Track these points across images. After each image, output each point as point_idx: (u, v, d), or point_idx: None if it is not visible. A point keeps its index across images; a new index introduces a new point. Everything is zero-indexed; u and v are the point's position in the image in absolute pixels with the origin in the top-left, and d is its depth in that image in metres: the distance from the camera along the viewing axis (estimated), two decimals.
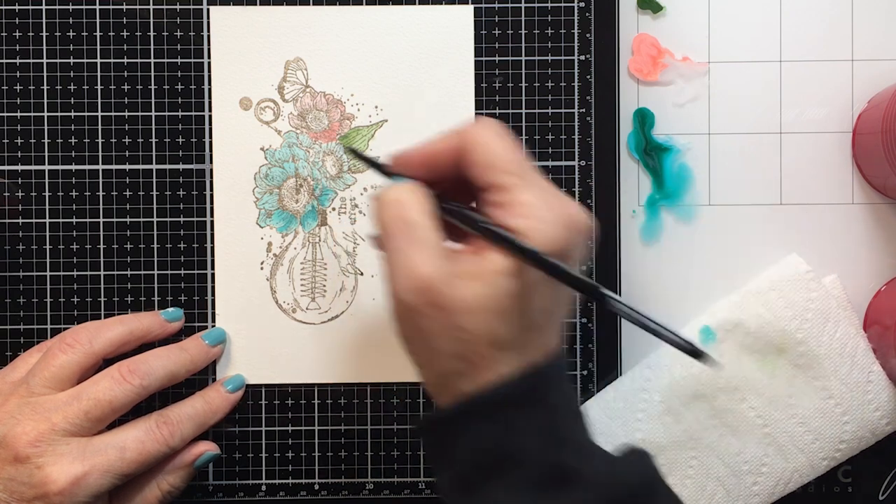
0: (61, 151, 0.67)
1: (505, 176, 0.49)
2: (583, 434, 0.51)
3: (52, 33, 0.67)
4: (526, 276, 0.48)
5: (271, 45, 0.67)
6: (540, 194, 0.49)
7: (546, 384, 0.50)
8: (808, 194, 0.68)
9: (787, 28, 0.68)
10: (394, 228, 0.50)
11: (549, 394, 0.49)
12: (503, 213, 0.49)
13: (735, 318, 0.66)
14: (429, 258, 0.48)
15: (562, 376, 0.51)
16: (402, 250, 0.49)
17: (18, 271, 0.67)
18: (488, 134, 0.50)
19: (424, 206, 0.50)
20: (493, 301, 0.48)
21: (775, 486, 0.66)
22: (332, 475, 0.68)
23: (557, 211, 0.49)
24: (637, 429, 0.66)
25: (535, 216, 0.48)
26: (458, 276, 0.48)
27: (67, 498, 0.57)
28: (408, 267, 0.48)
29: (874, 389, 0.65)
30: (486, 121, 0.51)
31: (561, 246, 0.48)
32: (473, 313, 0.48)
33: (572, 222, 0.49)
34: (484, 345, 0.48)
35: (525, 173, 0.49)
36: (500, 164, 0.49)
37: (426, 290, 0.48)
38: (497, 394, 0.48)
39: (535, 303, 0.49)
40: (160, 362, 0.63)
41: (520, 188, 0.49)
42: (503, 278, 0.48)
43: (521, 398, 0.49)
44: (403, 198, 0.50)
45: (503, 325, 0.48)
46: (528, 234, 0.48)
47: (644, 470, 0.50)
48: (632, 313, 0.48)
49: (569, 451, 0.48)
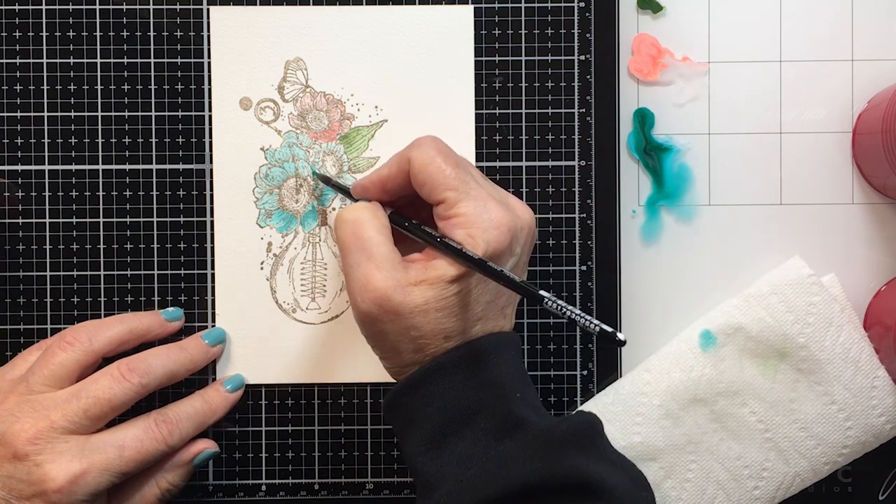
0: (61, 151, 0.67)
1: (445, 192, 0.56)
2: (533, 397, 0.58)
3: (52, 33, 0.67)
4: (467, 279, 0.56)
5: (271, 45, 0.67)
6: (476, 204, 0.56)
7: (499, 349, 0.57)
8: (808, 194, 0.68)
9: (787, 28, 0.68)
10: (351, 245, 0.56)
11: (502, 357, 0.57)
12: (447, 224, 0.56)
13: (736, 322, 0.66)
14: (383, 271, 0.55)
15: (511, 347, 0.58)
16: (359, 265, 0.56)
17: (18, 271, 0.67)
18: (426, 155, 0.57)
19: (379, 223, 0.57)
20: (441, 302, 0.55)
21: (776, 490, 0.66)
22: (332, 475, 0.68)
23: (492, 216, 0.56)
24: (635, 432, 0.66)
25: (472, 225, 0.55)
26: (410, 284, 0.55)
27: (66, 496, 0.57)
28: (364, 280, 0.55)
29: (879, 395, 0.65)
30: (423, 141, 0.58)
31: (496, 247, 0.55)
32: (425, 314, 0.55)
33: (506, 225, 0.56)
34: (436, 338, 0.56)
35: (462, 185, 0.56)
36: (439, 182, 0.56)
37: (382, 300, 0.55)
38: (452, 355, 0.56)
39: (478, 298, 0.57)
40: (160, 361, 0.63)
41: (459, 201, 0.56)
42: (449, 283, 0.55)
43: (472, 359, 0.56)
44: (359, 216, 0.57)
45: (451, 320, 0.56)
46: (468, 242, 0.55)
47: (587, 418, 0.58)
48: (563, 309, 0.52)
49: (519, 404, 0.56)
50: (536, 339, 0.68)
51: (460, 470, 0.54)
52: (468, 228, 0.55)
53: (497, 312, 0.58)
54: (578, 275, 0.68)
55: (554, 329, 0.68)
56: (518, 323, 0.67)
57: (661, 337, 0.68)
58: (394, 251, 0.56)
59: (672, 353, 0.67)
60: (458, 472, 0.54)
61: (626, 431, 0.66)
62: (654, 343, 0.68)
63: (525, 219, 0.58)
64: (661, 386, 0.66)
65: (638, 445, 0.66)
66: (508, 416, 0.55)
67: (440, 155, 0.57)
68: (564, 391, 0.68)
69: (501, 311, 0.59)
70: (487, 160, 0.67)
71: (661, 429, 0.66)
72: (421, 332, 0.55)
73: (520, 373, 0.58)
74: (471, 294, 0.56)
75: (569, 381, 0.68)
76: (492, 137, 0.67)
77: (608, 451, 0.58)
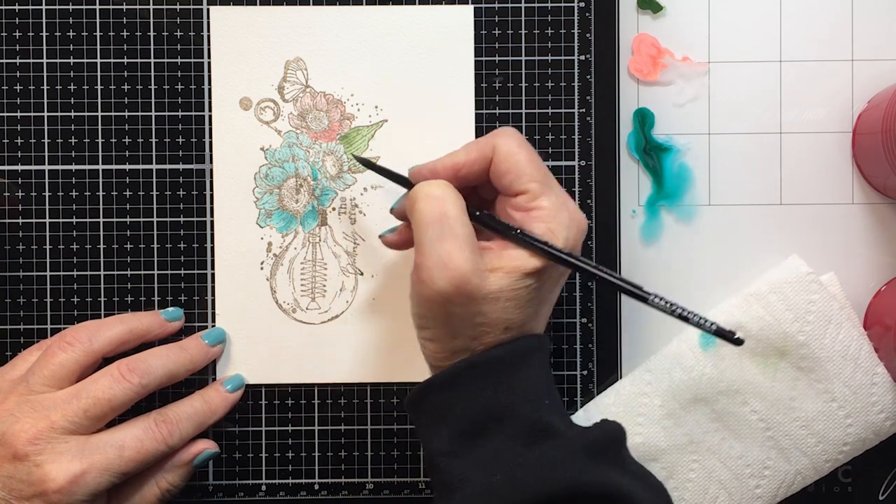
0: (61, 151, 0.67)
1: (529, 183, 0.55)
2: (558, 405, 0.57)
3: (52, 33, 0.67)
4: (544, 273, 0.55)
5: (271, 45, 0.67)
6: (558, 200, 0.56)
7: (532, 353, 0.56)
8: (808, 194, 0.68)
9: (787, 28, 0.68)
10: (433, 220, 0.55)
11: (533, 362, 0.56)
12: (526, 216, 0.56)
13: (736, 321, 0.66)
14: (465, 252, 0.54)
15: (545, 351, 0.58)
16: (441, 242, 0.54)
17: (18, 271, 0.67)
18: (513, 143, 0.56)
19: (462, 203, 0.56)
20: (513, 293, 0.54)
21: (778, 488, 0.66)
22: (332, 475, 0.68)
23: (572, 214, 0.56)
24: (637, 433, 0.66)
25: (553, 220, 0.55)
26: (487, 269, 0.54)
27: (66, 496, 0.57)
28: (444, 258, 0.54)
29: (878, 392, 0.65)
30: (508, 130, 0.57)
31: (573, 246, 0.56)
32: (495, 302, 0.54)
33: (580, 224, 0.57)
34: (497, 328, 0.55)
35: (545, 179, 0.56)
36: (525, 172, 0.55)
37: (461, 281, 0.53)
38: (491, 355, 0.55)
39: (545, 294, 0.57)
40: (160, 361, 0.63)
41: (542, 194, 0.55)
42: (525, 274, 0.54)
43: (509, 360, 0.55)
44: (442, 193, 0.55)
45: (516, 312, 0.55)
46: (548, 236, 0.55)
47: (612, 428, 0.57)
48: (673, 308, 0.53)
49: (547, 411, 0.55)
50: None
51: (484, 474, 0.53)
52: (549, 223, 0.55)
53: (548, 309, 0.59)
54: (578, 275, 0.68)
55: (554, 329, 0.68)
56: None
57: (662, 337, 0.68)
58: (474, 235, 0.55)
59: (672, 354, 0.67)
60: (481, 476, 0.53)
61: (629, 432, 0.65)
62: (655, 343, 0.68)
63: (586, 224, 0.58)
64: (662, 386, 0.66)
65: (640, 446, 0.66)
66: (538, 422, 0.54)
67: (525, 147, 0.56)
68: (564, 391, 0.68)
69: (550, 309, 0.59)
70: None
71: (662, 429, 0.66)
72: (487, 318, 0.54)
73: (549, 378, 0.58)
74: (542, 289, 0.56)
75: (569, 381, 0.68)
76: None
77: (632, 463, 0.58)
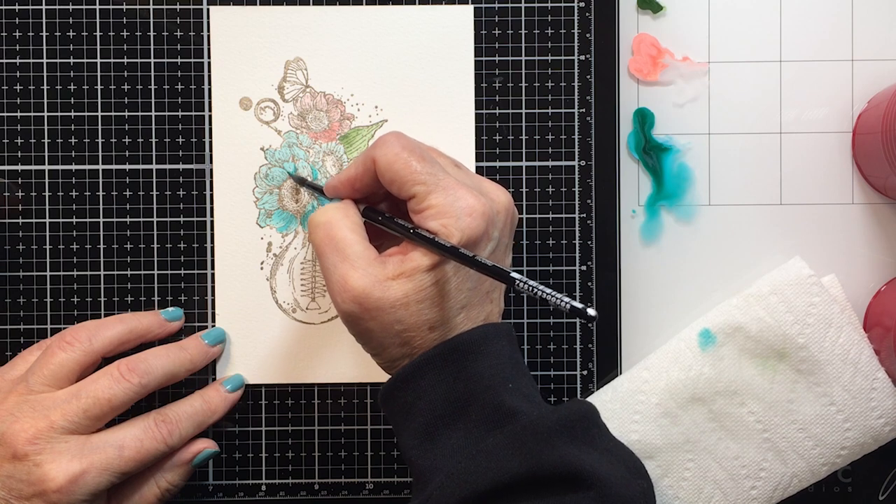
0: (61, 151, 0.67)
1: (414, 187, 0.56)
2: (528, 387, 0.57)
3: (52, 33, 0.67)
4: (443, 267, 0.56)
5: (271, 45, 0.67)
6: (447, 193, 0.56)
7: (487, 341, 0.56)
8: (808, 194, 0.68)
9: (787, 28, 0.68)
10: (326, 248, 0.56)
11: (491, 349, 0.56)
12: (421, 217, 0.56)
13: (736, 322, 0.66)
14: (359, 269, 0.55)
15: (501, 337, 0.57)
16: (335, 266, 0.56)
17: (18, 271, 0.67)
18: (390, 152, 0.56)
19: (351, 221, 0.57)
20: (420, 293, 0.55)
21: (774, 490, 0.66)
22: (332, 475, 0.68)
23: (464, 204, 0.55)
24: (633, 430, 0.66)
25: (445, 215, 0.55)
26: (388, 279, 0.55)
27: (66, 496, 0.57)
28: (342, 280, 0.55)
29: (878, 397, 0.65)
30: (387, 138, 0.57)
31: (472, 234, 0.55)
32: (406, 307, 0.55)
33: (479, 210, 0.56)
34: (420, 330, 0.56)
35: (430, 178, 0.56)
36: (407, 178, 0.56)
37: (361, 298, 0.55)
38: (441, 348, 0.56)
39: (459, 286, 0.56)
40: (159, 361, 0.63)
41: (429, 193, 0.56)
42: (425, 273, 0.55)
43: (462, 351, 0.56)
44: (330, 218, 0.57)
45: (432, 310, 0.55)
46: (442, 232, 0.55)
47: (581, 407, 0.57)
48: (535, 290, 0.52)
49: (512, 395, 0.55)
50: (536, 339, 0.68)
51: (451, 462, 0.54)
52: (441, 218, 0.55)
53: (482, 298, 0.58)
54: (578, 275, 0.68)
55: (554, 329, 0.68)
56: (518, 322, 0.67)
57: (661, 336, 0.68)
58: (368, 248, 0.56)
59: (671, 352, 0.67)
60: (449, 465, 0.54)
61: (624, 430, 0.66)
62: (654, 342, 0.68)
63: (501, 201, 0.58)
64: (659, 384, 0.66)
65: (635, 444, 0.66)
66: (499, 407, 0.55)
67: (405, 150, 0.56)
68: (564, 391, 0.68)
69: (487, 296, 0.59)
70: (487, 160, 0.68)
71: (658, 427, 0.66)
72: (404, 325, 0.55)
73: (512, 362, 0.57)
74: (450, 282, 0.56)
75: (569, 381, 0.68)
76: (492, 137, 0.67)
77: (603, 440, 0.57)
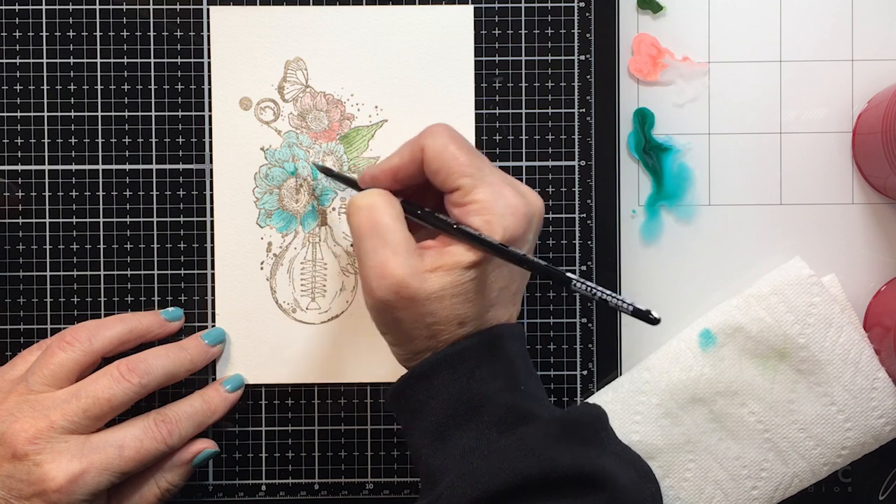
0: (61, 151, 0.67)
1: (460, 179, 0.55)
2: (537, 389, 0.58)
3: (52, 33, 0.67)
4: (484, 264, 0.55)
5: (271, 45, 0.67)
6: (492, 190, 0.55)
7: (501, 342, 0.57)
8: (808, 194, 0.68)
9: (787, 28, 0.68)
10: (367, 231, 0.56)
11: (505, 351, 0.57)
12: (463, 211, 0.56)
13: (736, 322, 0.66)
14: (399, 258, 0.54)
15: (516, 339, 0.58)
16: (375, 251, 0.55)
17: (18, 271, 0.67)
18: (439, 142, 0.56)
19: (394, 210, 0.56)
20: (457, 288, 0.55)
21: (775, 490, 0.66)
22: (332, 475, 0.68)
23: (508, 202, 0.55)
24: (634, 431, 0.66)
25: (489, 211, 0.55)
26: (427, 270, 0.55)
27: (65, 496, 0.57)
28: (381, 267, 0.54)
29: (879, 396, 0.65)
30: (435, 129, 0.57)
31: (513, 233, 0.55)
32: (441, 300, 0.55)
33: (521, 211, 0.56)
34: (451, 324, 0.55)
35: (477, 172, 0.56)
36: (455, 170, 0.56)
37: (399, 287, 0.54)
38: (459, 346, 0.56)
39: (492, 284, 0.57)
40: (159, 361, 0.63)
41: (475, 188, 0.55)
42: (465, 269, 0.55)
43: (479, 350, 0.56)
44: (375, 202, 0.56)
45: (466, 306, 0.55)
46: (485, 229, 0.55)
47: (592, 411, 0.58)
48: (593, 291, 0.52)
49: (524, 397, 0.56)
50: (537, 339, 0.68)
51: (463, 463, 0.54)
52: (485, 215, 0.55)
53: (509, 298, 0.58)
54: (578, 275, 0.68)
55: (554, 329, 0.68)
56: (519, 322, 0.67)
57: (661, 337, 0.68)
58: (409, 238, 0.56)
59: (671, 353, 0.67)
60: (460, 465, 0.54)
61: (625, 430, 0.66)
62: (654, 342, 0.68)
63: (537, 205, 0.58)
64: (660, 385, 0.66)
65: (636, 444, 0.66)
66: (512, 408, 0.55)
67: (454, 142, 0.56)
68: (564, 391, 0.68)
69: (513, 298, 0.59)
70: None
71: (659, 428, 0.66)
72: (436, 318, 0.55)
73: (524, 364, 0.58)
74: (487, 280, 0.56)
75: (569, 381, 0.68)
76: (492, 137, 0.67)
77: (612, 443, 0.58)
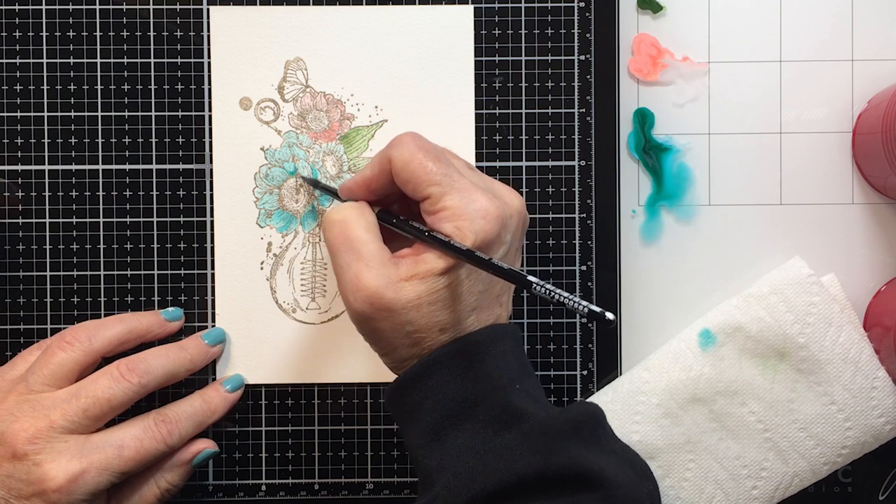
0: (61, 151, 0.67)
1: (429, 188, 0.56)
2: (534, 388, 0.58)
3: (52, 33, 0.67)
4: (456, 270, 0.56)
5: (271, 45, 0.67)
6: (462, 196, 0.55)
7: (495, 342, 0.57)
8: (808, 194, 0.68)
9: (787, 28, 0.68)
10: (340, 246, 0.56)
11: (498, 350, 0.57)
12: (435, 219, 0.56)
13: (736, 322, 0.66)
14: (373, 270, 0.55)
15: (508, 339, 0.58)
16: (349, 265, 0.56)
17: (18, 271, 0.67)
18: (406, 153, 0.56)
19: (366, 221, 0.57)
20: (432, 295, 0.55)
21: (775, 490, 0.66)
22: (332, 475, 0.68)
23: (479, 206, 0.55)
24: (634, 431, 0.66)
25: (460, 217, 0.55)
26: (401, 280, 0.55)
27: (65, 495, 0.57)
28: (355, 280, 0.55)
29: (879, 395, 0.65)
30: (401, 139, 0.57)
31: (485, 237, 0.55)
32: (418, 308, 0.55)
33: (493, 214, 0.55)
34: (431, 331, 0.56)
35: (445, 179, 0.56)
36: (423, 179, 0.56)
37: (373, 299, 0.55)
38: (453, 347, 0.56)
39: (470, 289, 0.57)
40: (159, 361, 0.63)
41: (444, 195, 0.55)
42: (439, 276, 0.55)
43: (474, 351, 0.56)
44: (346, 216, 0.57)
45: (444, 313, 0.56)
46: (456, 234, 0.55)
47: (588, 409, 0.57)
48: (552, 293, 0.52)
49: (520, 395, 0.56)
50: (537, 339, 0.68)
51: (459, 462, 0.54)
52: (455, 221, 0.55)
53: (492, 301, 0.58)
54: (578, 275, 0.68)
55: (554, 329, 0.68)
56: (518, 322, 0.67)
57: (661, 336, 0.68)
58: (382, 249, 0.56)
59: (671, 352, 0.67)
60: (456, 465, 0.54)
61: (625, 430, 0.66)
62: (654, 343, 0.68)
63: (513, 205, 0.58)
64: (660, 385, 0.66)
65: (636, 444, 0.66)
66: (507, 407, 0.55)
67: (420, 151, 0.56)
68: (564, 391, 0.68)
69: (497, 300, 0.59)
70: (487, 160, 0.68)
71: (659, 428, 0.66)
72: (415, 326, 0.55)
73: (519, 363, 0.58)
74: (462, 285, 0.56)
75: (569, 381, 0.68)
76: (492, 137, 0.67)
77: (609, 442, 0.58)
